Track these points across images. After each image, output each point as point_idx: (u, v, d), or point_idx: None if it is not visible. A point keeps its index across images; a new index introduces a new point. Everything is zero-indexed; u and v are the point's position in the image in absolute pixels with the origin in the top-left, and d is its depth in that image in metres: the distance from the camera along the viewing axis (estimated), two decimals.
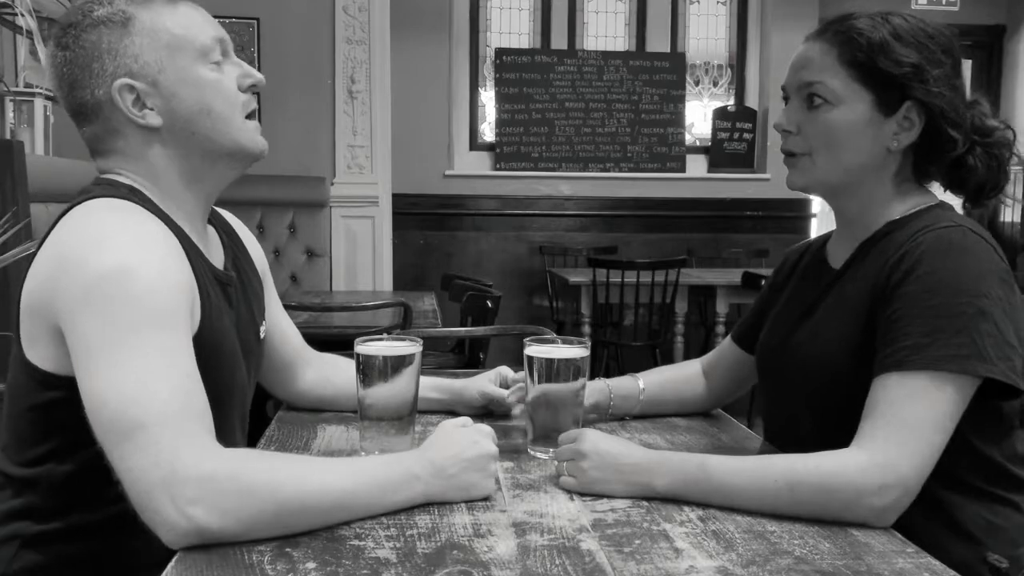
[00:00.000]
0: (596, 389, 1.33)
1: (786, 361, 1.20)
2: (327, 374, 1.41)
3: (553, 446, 1.14)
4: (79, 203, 1.02)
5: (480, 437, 1.03)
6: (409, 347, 1.16)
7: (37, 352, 1.00)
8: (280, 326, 1.37)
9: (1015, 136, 1.15)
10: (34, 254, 1.01)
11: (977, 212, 1.18)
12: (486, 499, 1.01)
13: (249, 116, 1.11)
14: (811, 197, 5.04)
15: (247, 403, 1.24)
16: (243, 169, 1.15)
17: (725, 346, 1.40)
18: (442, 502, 0.98)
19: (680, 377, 1.43)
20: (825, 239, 1.29)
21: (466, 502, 0.99)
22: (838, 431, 1.03)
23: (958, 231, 1.05)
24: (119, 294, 0.91)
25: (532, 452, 1.20)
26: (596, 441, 1.06)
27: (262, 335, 1.27)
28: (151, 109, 1.05)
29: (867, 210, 1.15)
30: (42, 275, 0.99)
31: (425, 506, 0.98)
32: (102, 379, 0.90)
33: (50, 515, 1.03)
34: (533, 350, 1.18)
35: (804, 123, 1.13)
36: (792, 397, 1.19)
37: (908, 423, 0.97)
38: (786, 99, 1.17)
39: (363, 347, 1.15)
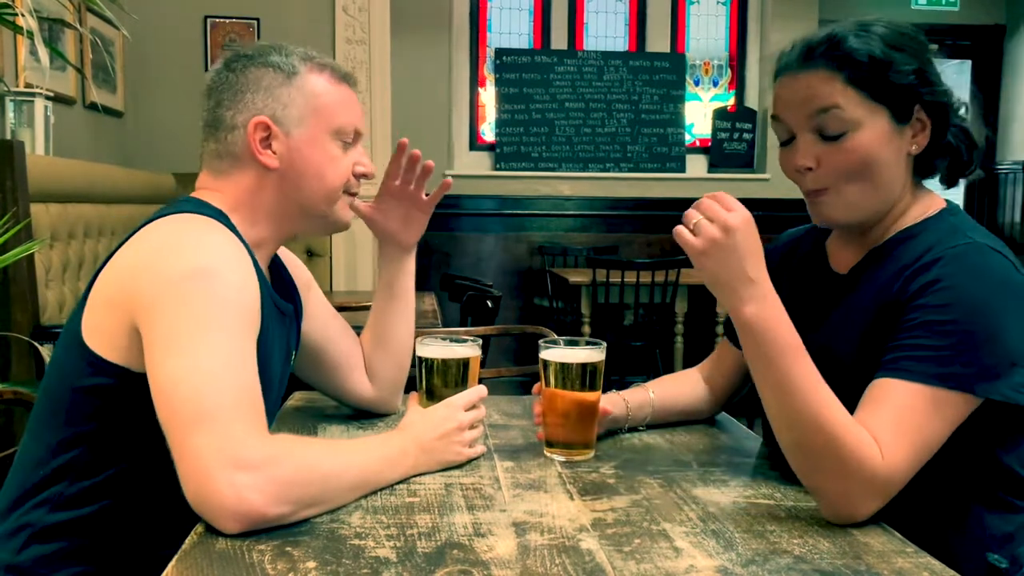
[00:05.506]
0: (612, 402, 1.30)
1: None
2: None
3: (566, 453, 1.18)
4: (170, 213, 1.10)
5: (452, 411, 1.16)
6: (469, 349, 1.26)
7: (96, 338, 1.04)
8: (327, 330, 1.39)
9: (960, 102, 1.16)
10: (115, 250, 1.09)
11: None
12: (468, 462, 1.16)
13: (352, 194, 1.25)
14: None
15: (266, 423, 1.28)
16: (324, 232, 1.30)
17: (722, 349, 1.39)
18: (425, 472, 1.11)
19: (683, 383, 1.41)
20: (813, 235, 1.28)
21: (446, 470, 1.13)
22: None
23: (975, 248, 1.05)
24: (203, 291, 0.98)
25: (548, 456, 1.19)
26: (748, 232, 0.98)
27: (292, 361, 1.33)
28: (274, 152, 1.16)
29: (882, 219, 1.15)
30: (126, 268, 1.05)
31: (425, 506, 0.99)
32: (178, 366, 0.95)
33: (65, 504, 1.05)
34: (549, 354, 1.17)
35: (824, 156, 1.10)
36: None
37: (914, 431, 0.97)
38: (788, 138, 1.14)
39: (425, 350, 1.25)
